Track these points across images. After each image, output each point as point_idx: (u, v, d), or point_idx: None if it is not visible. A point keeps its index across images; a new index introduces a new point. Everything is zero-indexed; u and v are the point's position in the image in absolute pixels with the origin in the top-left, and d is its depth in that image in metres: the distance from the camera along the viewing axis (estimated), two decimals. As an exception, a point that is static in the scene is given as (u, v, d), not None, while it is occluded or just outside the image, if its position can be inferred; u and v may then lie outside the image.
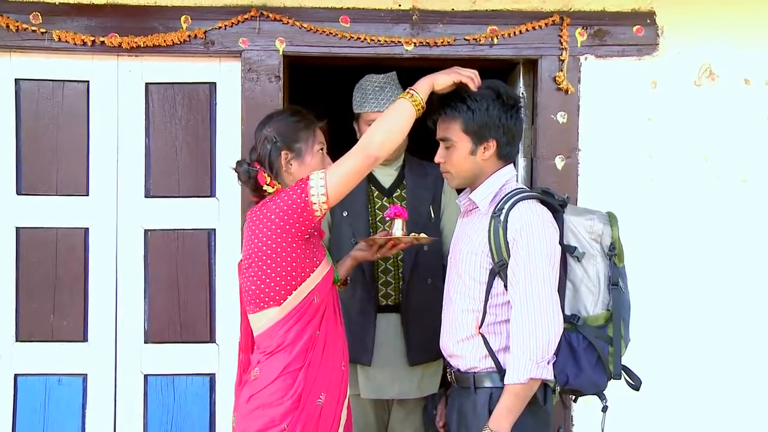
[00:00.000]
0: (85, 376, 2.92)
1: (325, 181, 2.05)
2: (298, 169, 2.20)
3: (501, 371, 2.08)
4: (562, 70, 2.91)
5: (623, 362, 2.17)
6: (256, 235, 2.12)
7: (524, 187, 2.22)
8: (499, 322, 2.10)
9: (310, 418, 2.09)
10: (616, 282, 2.14)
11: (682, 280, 2.96)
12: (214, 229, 2.93)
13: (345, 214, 2.73)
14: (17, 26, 2.79)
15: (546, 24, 2.89)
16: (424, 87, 2.11)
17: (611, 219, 2.19)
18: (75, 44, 2.80)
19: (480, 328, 2.11)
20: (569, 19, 2.89)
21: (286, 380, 2.08)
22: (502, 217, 2.07)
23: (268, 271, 2.10)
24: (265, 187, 2.17)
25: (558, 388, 2.12)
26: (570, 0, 2.91)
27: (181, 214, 2.92)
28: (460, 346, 2.15)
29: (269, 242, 2.09)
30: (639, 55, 2.94)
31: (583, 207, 2.36)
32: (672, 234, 2.96)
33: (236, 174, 2.23)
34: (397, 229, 2.38)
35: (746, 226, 2.98)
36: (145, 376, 2.93)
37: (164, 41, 2.81)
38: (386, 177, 2.82)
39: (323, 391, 2.12)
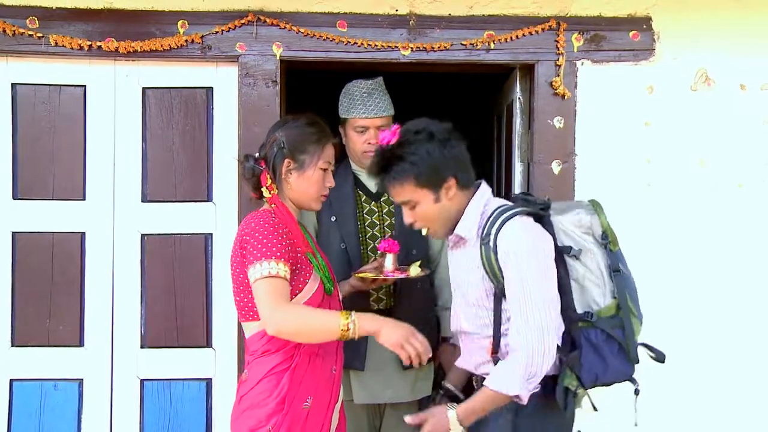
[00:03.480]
0: (81, 381, 2.91)
1: (257, 279, 2.02)
2: (297, 181, 2.20)
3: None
4: (558, 75, 2.91)
5: (643, 340, 2.20)
6: (235, 251, 2.14)
7: (505, 202, 2.17)
8: None
9: (296, 421, 2.09)
10: (616, 268, 2.16)
11: (680, 283, 2.97)
12: (211, 234, 2.92)
13: (333, 219, 2.74)
14: (14, 31, 2.78)
15: (543, 29, 2.90)
16: (367, 326, 2.01)
17: (596, 207, 2.20)
18: (72, 49, 2.80)
19: (493, 353, 2.11)
20: (566, 25, 2.90)
21: (270, 381, 2.10)
22: (491, 243, 2.05)
23: (244, 290, 2.13)
24: (263, 189, 2.18)
25: (580, 391, 2.13)
26: (567, 5, 2.92)
27: (177, 218, 2.92)
28: (482, 368, 2.16)
29: (241, 268, 2.11)
30: (635, 61, 2.95)
31: (565, 202, 2.34)
32: (669, 238, 2.97)
33: (243, 175, 2.24)
34: (389, 263, 2.45)
35: (742, 231, 2.99)
36: (142, 381, 2.92)
37: (161, 46, 2.81)
38: (373, 182, 2.81)
39: (310, 394, 2.13)
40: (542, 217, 2.14)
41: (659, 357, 2.26)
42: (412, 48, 2.88)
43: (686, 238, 2.98)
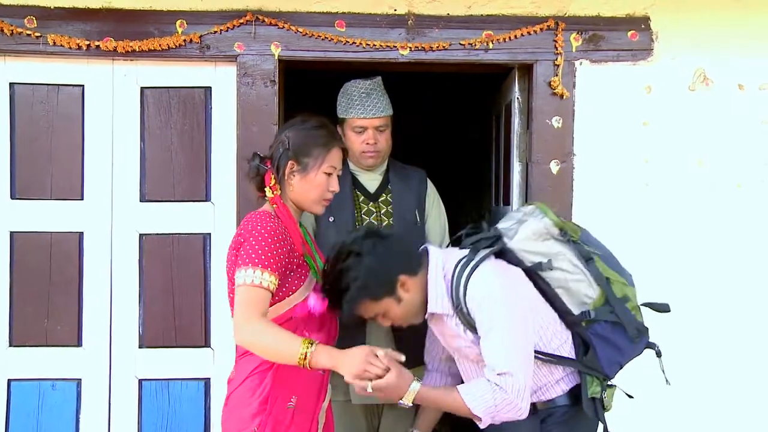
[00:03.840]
0: (79, 381, 2.91)
1: (240, 284, 2.01)
2: (299, 183, 2.18)
3: (557, 398, 2.16)
4: (557, 75, 2.91)
5: (643, 300, 2.26)
6: (231, 250, 2.13)
7: (458, 255, 2.15)
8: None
9: (280, 421, 2.08)
10: (587, 257, 2.17)
11: (678, 283, 2.97)
12: (210, 234, 2.92)
13: (332, 219, 2.73)
14: (12, 30, 2.78)
15: (541, 29, 2.90)
16: (322, 361, 1.95)
17: (542, 209, 2.22)
18: (70, 48, 2.80)
19: None
20: (564, 24, 2.90)
21: (253, 381, 2.10)
22: (464, 309, 2.06)
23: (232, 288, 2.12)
24: (266, 189, 2.17)
25: (608, 390, 2.15)
26: (565, 5, 2.92)
27: (176, 218, 2.92)
28: None
29: (233, 267, 2.10)
30: (634, 60, 2.95)
31: (512, 215, 2.32)
32: (667, 238, 2.97)
33: (248, 173, 2.23)
34: None
35: (741, 231, 2.99)
36: (140, 381, 2.92)
37: (159, 45, 2.81)
38: (371, 182, 2.82)
39: (294, 394, 2.12)
40: (501, 250, 2.16)
41: (663, 308, 2.29)
42: (410, 48, 2.88)
43: (685, 238, 2.98)
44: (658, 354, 2.23)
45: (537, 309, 2.13)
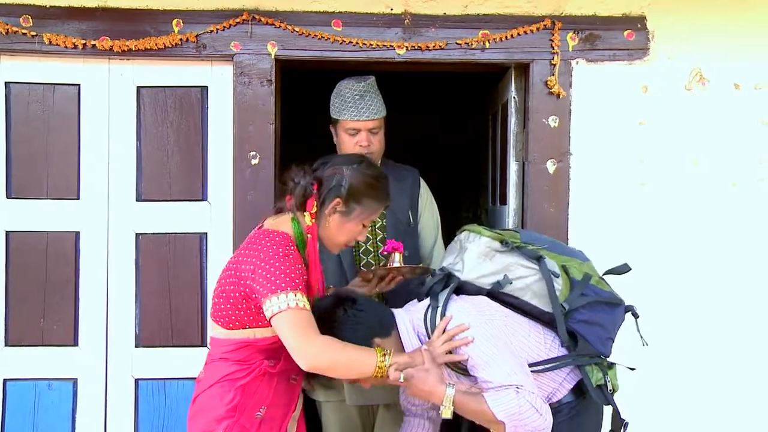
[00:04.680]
0: (75, 381, 2.90)
1: (277, 312, 1.93)
2: (336, 223, 2.10)
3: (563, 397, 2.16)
4: (553, 74, 2.92)
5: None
6: (236, 263, 2.05)
7: (420, 311, 2.16)
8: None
9: (247, 429, 2.05)
10: (536, 256, 2.18)
11: (673, 282, 2.98)
12: (206, 233, 2.92)
13: None
14: (7, 29, 2.77)
15: (538, 28, 2.90)
16: (398, 366, 1.96)
17: (474, 231, 2.24)
18: (66, 47, 2.79)
19: None
20: (561, 24, 2.90)
21: (223, 387, 2.06)
22: None
23: (224, 299, 2.07)
24: (306, 214, 2.07)
25: (610, 373, 2.17)
26: (561, 4, 2.93)
27: (172, 217, 2.91)
28: None
29: (234, 281, 2.04)
30: (630, 60, 2.95)
31: (449, 248, 2.35)
32: (663, 237, 2.98)
33: (291, 183, 2.10)
34: (395, 262, 2.42)
35: (736, 230, 3.00)
36: (136, 380, 2.92)
37: (156, 45, 2.81)
38: None
39: (264, 404, 2.09)
40: (458, 286, 2.17)
41: (623, 269, 2.32)
42: (407, 47, 2.88)
43: (680, 237, 2.98)
44: (635, 315, 2.26)
45: (513, 328, 2.13)
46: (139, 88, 2.90)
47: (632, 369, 2.31)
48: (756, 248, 3.00)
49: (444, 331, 2.05)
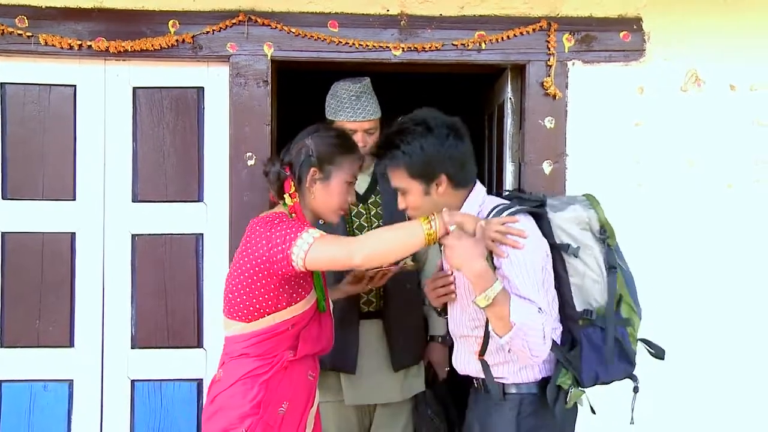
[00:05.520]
0: (71, 382, 2.90)
1: (309, 247, 2.00)
2: (320, 191, 2.18)
3: (527, 383, 2.13)
4: (549, 76, 2.92)
5: (641, 336, 2.23)
6: (245, 251, 2.11)
7: (501, 201, 2.17)
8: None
9: (270, 425, 2.08)
10: (613, 264, 2.16)
11: (670, 282, 2.98)
12: (202, 234, 2.92)
13: (321, 222, 2.72)
14: (3, 30, 2.77)
15: (534, 29, 2.91)
16: (451, 219, 1.98)
17: (592, 202, 2.20)
18: (62, 48, 2.79)
19: (480, 355, 2.11)
20: (557, 25, 2.91)
21: (246, 384, 2.09)
22: None
23: (241, 291, 2.11)
24: (286, 196, 2.15)
25: (574, 390, 2.12)
26: (557, 6, 2.93)
27: (168, 218, 2.91)
28: (476, 372, 2.17)
29: (248, 267, 2.08)
30: (626, 61, 2.96)
31: (560, 198, 2.33)
32: (660, 238, 2.98)
33: (264, 173, 2.22)
34: None
35: (732, 230, 3.00)
36: (132, 382, 2.91)
37: (152, 46, 2.80)
38: (360, 183, 2.77)
39: (286, 399, 2.12)
40: (539, 215, 2.15)
41: (658, 353, 2.27)
42: (403, 48, 2.89)
43: (676, 237, 2.99)
44: (635, 390, 2.21)
45: (549, 282, 2.12)
46: (135, 88, 2.89)
47: (593, 412, 2.25)
48: (751, 249, 3.01)
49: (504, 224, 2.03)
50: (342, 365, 2.68)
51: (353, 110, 2.68)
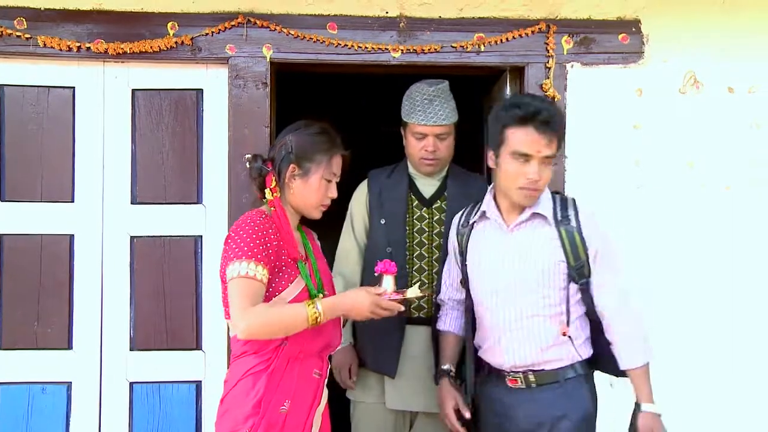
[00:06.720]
0: (69, 384, 2.89)
1: (230, 279, 2.05)
2: (300, 187, 2.21)
3: (582, 360, 2.25)
4: (548, 78, 2.92)
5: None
6: (222, 251, 2.15)
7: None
8: (579, 317, 2.25)
9: (273, 424, 2.08)
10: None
11: (669, 284, 2.98)
12: (201, 236, 2.92)
13: (383, 221, 2.69)
14: (1, 32, 2.76)
15: (532, 32, 2.91)
16: (332, 316, 2.10)
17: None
18: (60, 50, 2.78)
19: (567, 332, 2.22)
20: (555, 27, 2.91)
21: (246, 383, 2.10)
22: (573, 223, 2.20)
23: (223, 291, 2.14)
24: (266, 191, 2.19)
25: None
26: (556, 8, 2.93)
27: (167, 220, 2.91)
28: (549, 352, 2.22)
29: (221, 267, 2.14)
30: (625, 63, 2.96)
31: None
32: (658, 240, 2.98)
33: (248, 168, 2.26)
34: (388, 284, 2.22)
35: (729, 232, 3.01)
36: (131, 384, 2.90)
37: (151, 47, 2.80)
38: (428, 187, 2.76)
39: (288, 398, 2.11)
40: None
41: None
42: (402, 50, 2.89)
43: (675, 239, 2.99)
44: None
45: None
46: (134, 90, 2.89)
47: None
48: (749, 250, 3.01)
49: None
50: (381, 367, 2.65)
51: (425, 114, 2.64)
